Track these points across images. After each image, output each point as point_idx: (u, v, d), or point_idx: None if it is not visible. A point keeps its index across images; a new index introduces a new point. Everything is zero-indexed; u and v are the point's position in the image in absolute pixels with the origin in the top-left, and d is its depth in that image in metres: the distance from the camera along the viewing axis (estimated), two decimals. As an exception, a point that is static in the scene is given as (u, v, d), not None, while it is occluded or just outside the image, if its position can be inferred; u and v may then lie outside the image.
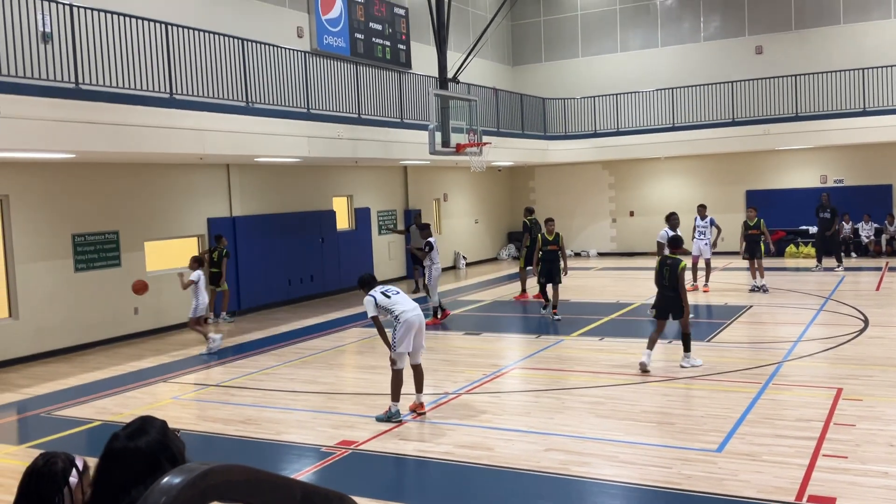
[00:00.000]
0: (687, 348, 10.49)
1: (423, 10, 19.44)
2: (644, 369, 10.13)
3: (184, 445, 2.31)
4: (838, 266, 19.84)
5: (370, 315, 8.62)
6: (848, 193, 23.43)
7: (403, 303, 8.57)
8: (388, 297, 8.56)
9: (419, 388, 8.78)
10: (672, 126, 23.79)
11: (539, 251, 14.79)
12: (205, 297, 13.05)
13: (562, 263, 14.77)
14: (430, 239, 15.42)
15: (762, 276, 16.90)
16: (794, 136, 22.33)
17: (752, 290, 16.83)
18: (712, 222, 17.64)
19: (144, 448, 2.17)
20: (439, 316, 15.04)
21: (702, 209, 17.91)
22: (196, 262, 13.08)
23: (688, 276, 16.42)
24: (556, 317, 14.44)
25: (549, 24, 27.88)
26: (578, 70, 27.27)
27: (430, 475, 7.14)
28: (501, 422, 8.40)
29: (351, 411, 9.07)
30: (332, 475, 6.97)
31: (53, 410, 9.76)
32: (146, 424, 2.27)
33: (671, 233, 15.03)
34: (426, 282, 15.53)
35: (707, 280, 17.43)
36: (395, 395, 8.54)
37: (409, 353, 8.57)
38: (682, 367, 10.36)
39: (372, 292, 8.60)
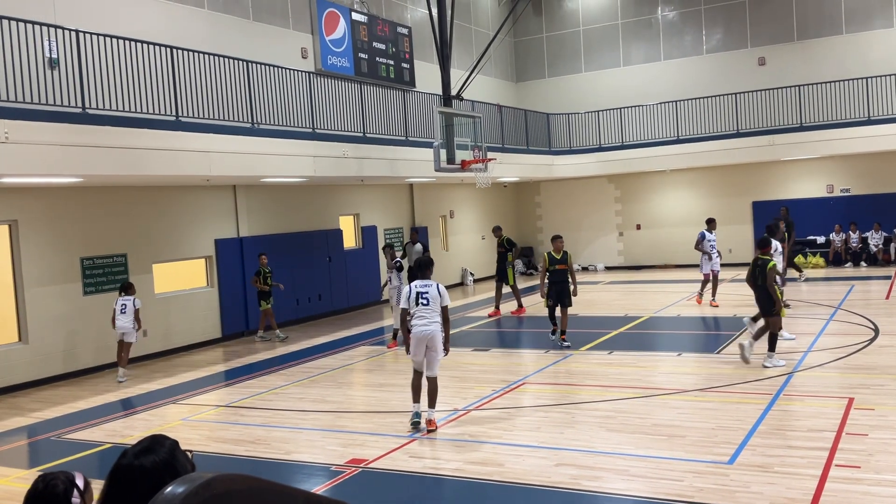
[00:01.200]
0: (771, 348, 10.76)
1: (426, 28, 19.56)
2: (744, 358, 10.76)
3: (194, 468, 2.29)
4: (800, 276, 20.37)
5: (401, 306, 8.97)
6: (855, 202, 23.37)
7: (420, 312, 8.74)
8: (419, 299, 8.78)
9: (430, 402, 8.79)
10: (677, 139, 23.80)
11: (546, 271, 13.56)
12: None
13: (571, 286, 13.54)
14: (398, 259, 14.76)
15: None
16: (799, 146, 22.31)
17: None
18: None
19: (150, 467, 2.15)
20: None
21: (712, 223, 17.65)
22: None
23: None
24: (565, 343, 13.26)
25: (551, 39, 28.00)
26: (582, 85, 27.36)
27: (440, 492, 7.11)
28: (512, 437, 8.37)
29: (360, 429, 9.05)
30: (342, 494, 6.94)
31: (63, 434, 9.77)
32: (155, 443, 2.25)
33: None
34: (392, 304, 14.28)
35: (714, 294, 17.10)
36: (414, 396, 8.82)
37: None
38: (765, 366, 10.59)
39: (413, 283, 8.89)
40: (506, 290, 18.02)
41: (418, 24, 22.35)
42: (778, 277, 11.35)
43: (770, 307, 10.81)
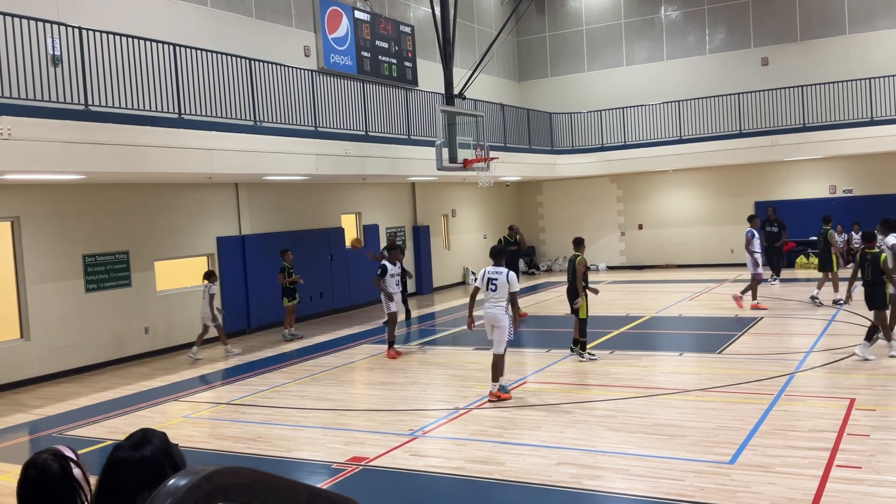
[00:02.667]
0: (868, 338, 10.89)
1: (429, 27, 19.56)
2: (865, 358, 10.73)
3: (185, 458, 2.30)
4: (774, 279, 20.01)
5: (475, 284, 10.12)
6: (857, 203, 23.35)
7: (489, 296, 9.83)
8: (489, 284, 9.80)
9: (492, 376, 9.79)
10: (679, 139, 23.79)
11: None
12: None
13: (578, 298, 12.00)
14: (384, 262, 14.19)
15: (836, 289, 16.10)
16: (802, 146, 22.29)
17: (835, 303, 15.88)
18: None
19: (150, 456, 2.18)
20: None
21: (754, 220, 16.95)
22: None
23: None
24: (582, 355, 11.97)
25: (554, 39, 28.00)
26: (585, 84, 27.35)
27: (441, 490, 7.12)
28: (512, 436, 8.37)
29: (361, 427, 9.06)
30: (342, 492, 6.93)
31: (65, 430, 9.78)
32: (148, 434, 2.27)
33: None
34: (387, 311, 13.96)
35: (743, 293, 16.25)
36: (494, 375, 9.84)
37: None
38: (856, 354, 10.80)
39: (487, 268, 9.95)
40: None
41: (421, 22, 22.35)
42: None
43: (881, 300, 10.89)
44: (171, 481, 1.26)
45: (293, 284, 15.78)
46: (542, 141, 24.83)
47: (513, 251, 17.13)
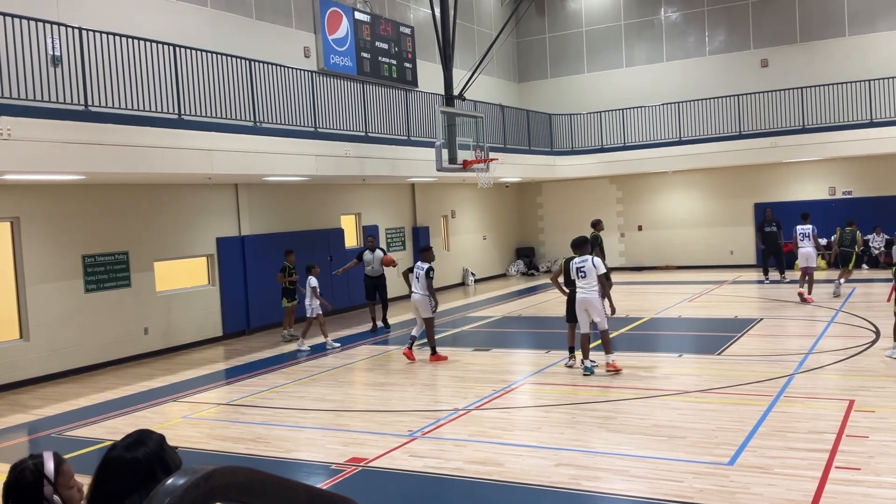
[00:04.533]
0: None
1: (429, 28, 19.57)
2: None
3: (181, 461, 2.30)
4: (766, 280, 20.77)
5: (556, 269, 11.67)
6: (857, 205, 23.35)
7: (579, 283, 10.91)
8: (578, 273, 10.92)
9: (605, 350, 11.01)
10: (679, 140, 23.80)
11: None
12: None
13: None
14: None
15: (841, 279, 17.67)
16: (801, 148, 22.31)
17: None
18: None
19: (142, 458, 2.18)
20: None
21: (808, 217, 18.02)
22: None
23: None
24: (585, 367, 11.22)
25: (554, 40, 28.01)
26: (584, 85, 27.36)
27: (440, 491, 7.11)
28: (512, 437, 8.37)
29: (361, 428, 9.06)
30: (342, 492, 6.94)
31: (64, 431, 9.78)
32: (143, 436, 2.28)
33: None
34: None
35: (809, 290, 17.19)
36: (584, 353, 11.01)
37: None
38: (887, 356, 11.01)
39: (572, 259, 11.08)
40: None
41: (421, 23, 22.36)
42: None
43: None
44: (170, 480, 1.26)
45: (293, 285, 15.79)
46: (542, 142, 24.84)
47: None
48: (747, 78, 24.49)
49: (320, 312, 14.57)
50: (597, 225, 17.14)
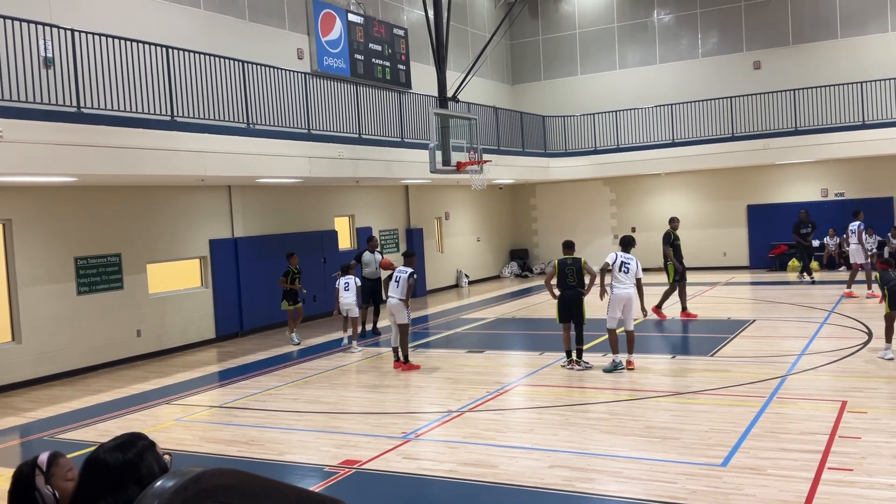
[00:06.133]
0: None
1: (423, 30, 19.58)
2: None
3: (166, 470, 2.27)
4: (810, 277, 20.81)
5: (606, 260, 11.48)
6: (849, 206, 23.39)
7: (621, 278, 11.25)
8: (622, 267, 11.28)
9: (629, 349, 11.26)
10: (672, 142, 23.86)
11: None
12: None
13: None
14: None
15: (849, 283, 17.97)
16: (793, 150, 22.38)
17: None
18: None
19: (112, 465, 2.18)
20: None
21: (859, 214, 18.41)
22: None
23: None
24: (577, 365, 11.61)
25: (547, 42, 28.05)
26: (577, 88, 27.40)
27: (434, 494, 7.11)
28: (505, 439, 8.36)
29: (354, 430, 9.04)
30: (335, 495, 6.93)
31: (56, 434, 9.74)
32: (127, 443, 2.27)
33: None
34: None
35: (849, 286, 17.82)
36: (614, 349, 11.27)
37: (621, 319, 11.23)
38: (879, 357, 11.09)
39: (619, 253, 11.42)
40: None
41: (414, 25, 22.37)
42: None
43: None
44: (159, 483, 1.26)
45: (297, 289, 15.47)
46: (536, 144, 24.87)
47: (676, 246, 16.24)
48: (740, 80, 24.57)
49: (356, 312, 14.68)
50: (673, 222, 16.53)
